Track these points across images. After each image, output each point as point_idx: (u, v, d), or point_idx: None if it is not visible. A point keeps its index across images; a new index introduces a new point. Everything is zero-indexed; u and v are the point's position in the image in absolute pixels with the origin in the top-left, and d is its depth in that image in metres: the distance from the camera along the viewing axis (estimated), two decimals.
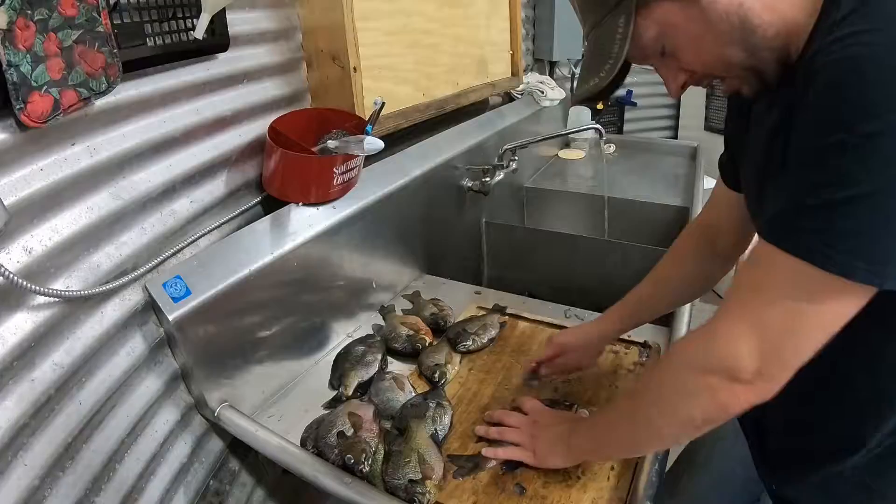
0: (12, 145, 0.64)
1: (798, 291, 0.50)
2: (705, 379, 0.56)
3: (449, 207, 1.56)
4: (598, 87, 0.61)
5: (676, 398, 0.60)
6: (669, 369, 0.63)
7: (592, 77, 0.61)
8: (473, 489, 0.78)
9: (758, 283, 0.53)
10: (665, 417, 0.62)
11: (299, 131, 1.01)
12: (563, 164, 2.37)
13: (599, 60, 0.60)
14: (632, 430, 0.68)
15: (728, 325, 0.55)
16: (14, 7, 0.57)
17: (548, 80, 2.21)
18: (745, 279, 0.55)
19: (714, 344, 0.56)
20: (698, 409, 0.58)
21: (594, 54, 0.61)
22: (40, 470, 0.66)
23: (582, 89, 0.64)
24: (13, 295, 0.65)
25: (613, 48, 0.58)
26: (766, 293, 0.52)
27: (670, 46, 0.58)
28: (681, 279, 0.90)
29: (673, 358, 0.63)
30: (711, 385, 0.55)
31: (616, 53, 0.58)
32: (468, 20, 1.55)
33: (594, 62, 0.61)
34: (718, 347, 0.55)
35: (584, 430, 0.77)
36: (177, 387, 0.88)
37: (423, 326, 1.14)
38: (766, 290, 0.52)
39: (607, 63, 0.59)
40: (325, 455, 0.81)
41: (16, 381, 0.65)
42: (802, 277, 0.49)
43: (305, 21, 1.08)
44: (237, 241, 0.93)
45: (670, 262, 0.92)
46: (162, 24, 0.79)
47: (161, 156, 0.85)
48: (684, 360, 0.60)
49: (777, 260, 0.50)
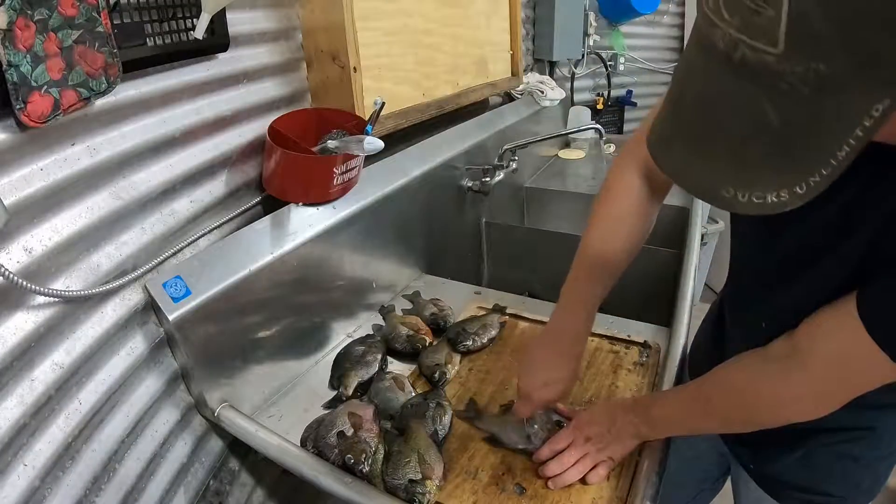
0: (12, 145, 0.64)
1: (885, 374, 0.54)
2: (799, 417, 0.62)
3: (449, 207, 1.56)
4: (785, 207, 0.36)
5: (765, 423, 0.66)
6: (765, 409, 0.64)
7: (779, 183, 0.35)
8: (473, 489, 0.78)
9: (846, 359, 0.55)
10: (746, 427, 0.70)
11: (299, 131, 1.01)
12: (563, 164, 2.37)
13: (805, 156, 0.34)
14: (708, 429, 0.76)
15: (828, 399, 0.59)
16: (14, 7, 0.57)
17: (548, 80, 2.21)
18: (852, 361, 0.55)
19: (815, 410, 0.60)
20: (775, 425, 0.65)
21: (793, 135, 0.34)
22: (40, 470, 0.66)
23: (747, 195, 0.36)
24: (13, 295, 0.65)
25: (841, 147, 0.33)
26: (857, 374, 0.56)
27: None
28: (622, 253, 0.79)
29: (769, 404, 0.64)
30: (802, 418, 0.62)
31: (843, 158, 0.33)
32: (468, 20, 1.55)
33: (789, 152, 0.35)
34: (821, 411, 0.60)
35: (653, 425, 0.77)
36: (177, 387, 0.88)
37: (423, 326, 1.14)
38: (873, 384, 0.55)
39: (819, 170, 0.34)
40: (325, 455, 0.81)
41: (16, 381, 0.65)
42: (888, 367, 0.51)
43: (305, 21, 1.08)
44: (237, 241, 0.93)
45: (614, 231, 0.79)
46: (162, 24, 0.79)
47: (161, 156, 0.85)
48: (782, 413, 0.63)
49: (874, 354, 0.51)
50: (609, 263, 0.77)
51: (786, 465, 0.75)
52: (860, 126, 0.32)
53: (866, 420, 0.69)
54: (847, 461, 0.72)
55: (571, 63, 2.56)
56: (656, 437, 0.79)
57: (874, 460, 0.73)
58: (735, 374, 0.67)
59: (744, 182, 0.36)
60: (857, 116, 0.32)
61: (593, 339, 1.10)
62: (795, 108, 0.33)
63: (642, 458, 0.80)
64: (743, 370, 0.67)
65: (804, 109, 0.33)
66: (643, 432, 0.77)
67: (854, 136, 0.33)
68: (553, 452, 0.80)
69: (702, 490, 1.05)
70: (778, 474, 0.77)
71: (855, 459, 0.72)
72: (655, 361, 1.04)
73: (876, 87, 0.32)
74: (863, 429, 0.70)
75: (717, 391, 0.70)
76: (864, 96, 0.32)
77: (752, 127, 0.35)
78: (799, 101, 0.33)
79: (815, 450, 0.72)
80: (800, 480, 0.75)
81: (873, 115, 0.32)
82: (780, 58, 0.32)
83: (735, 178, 0.36)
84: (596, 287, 0.79)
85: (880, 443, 0.71)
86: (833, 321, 0.56)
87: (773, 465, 0.77)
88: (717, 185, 0.37)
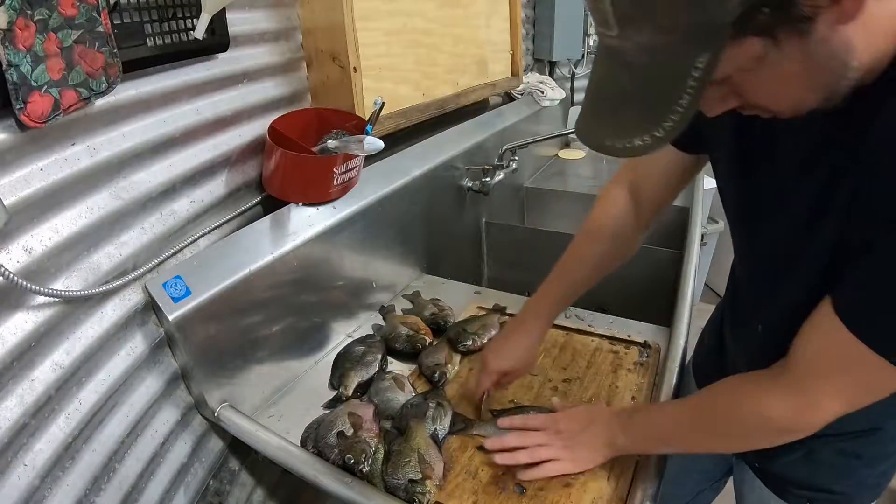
0: (12, 145, 0.64)
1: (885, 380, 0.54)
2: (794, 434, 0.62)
3: (449, 207, 1.56)
4: (652, 149, 0.44)
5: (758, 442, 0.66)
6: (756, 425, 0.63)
7: (641, 130, 0.44)
8: (473, 489, 0.78)
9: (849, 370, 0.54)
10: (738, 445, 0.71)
11: (299, 131, 1.01)
12: (563, 164, 2.37)
13: (654, 108, 0.43)
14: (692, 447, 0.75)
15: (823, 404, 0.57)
16: (14, 7, 0.57)
17: (548, 80, 2.21)
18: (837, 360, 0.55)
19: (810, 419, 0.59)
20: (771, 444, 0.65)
21: (642, 96, 0.44)
22: (40, 470, 0.66)
23: (622, 143, 0.45)
24: (13, 295, 0.65)
25: (681, 97, 0.41)
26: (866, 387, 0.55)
27: (742, 79, 0.45)
28: (604, 254, 0.87)
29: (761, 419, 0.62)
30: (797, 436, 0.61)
31: (686, 106, 0.41)
32: (468, 20, 1.55)
33: (644, 108, 0.44)
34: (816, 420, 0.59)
35: (631, 433, 0.75)
36: (177, 387, 0.88)
37: (423, 326, 1.14)
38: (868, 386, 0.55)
39: (669, 117, 0.42)
40: (325, 455, 0.81)
41: (16, 381, 0.65)
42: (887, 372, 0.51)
43: (305, 21, 1.08)
44: (237, 241, 0.93)
45: (590, 237, 0.88)
46: (162, 24, 0.79)
47: (161, 156, 0.85)
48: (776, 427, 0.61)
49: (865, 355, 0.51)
50: (578, 277, 0.88)
51: (789, 461, 0.74)
52: (690, 77, 0.40)
53: (871, 419, 0.68)
54: (851, 459, 0.72)
55: (571, 63, 2.56)
56: (633, 450, 0.77)
57: (879, 458, 0.73)
58: (728, 387, 0.67)
59: (619, 133, 0.45)
60: (685, 71, 0.40)
61: (593, 339, 1.10)
62: (639, 74, 0.43)
63: (642, 458, 0.80)
64: (737, 384, 0.66)
65: (644, 73, 0.43)
66: (619, 443, 0.75)
67: (689, 86, 0.41)
68: (523, 426, 0.81)
69: (702, 490, 1.05)
70: (782, 471, 0.76)
71: (859, 457, 0.71)
72: (655, 361, 1.04)
73: (686, 46, 0.40)
74: (867, 428, 0.70)
75: (707, 402, 0.69)
76: (683, 55, 0.40)
77: (618, 93, 0.45)
78: (639, 68, 0.43)
79: (819, 447, 0.71)
80: (804, 478, 0.75)
81: (698, 66, 0.40)
82: (618, 38, 0.42)
83: (613, 132, 0.46)
84: (566, 289, 0.89)
85: (885, 441, 0.71)
86: (814, 326, 0.56)
87: (777, 462, 0.76)
88: (602, 138, 0.47)
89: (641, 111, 0.44)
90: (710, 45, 0.40)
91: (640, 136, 0.44)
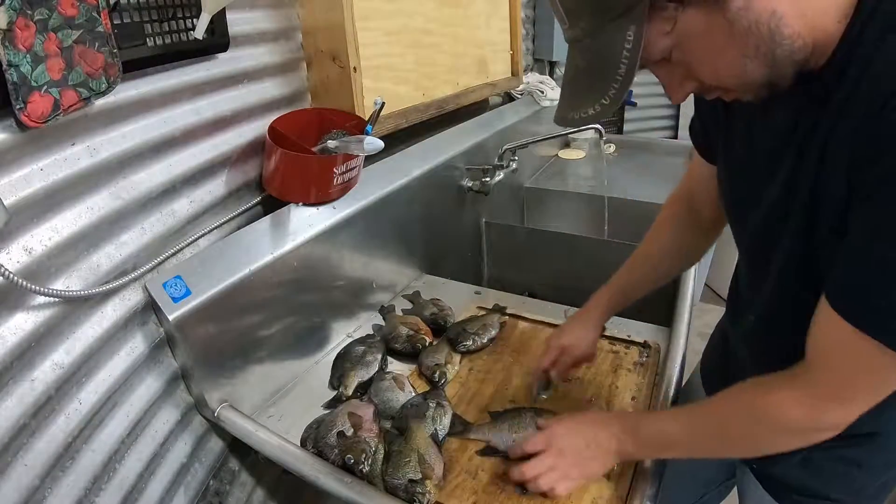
0: (12, 145, 0.64)
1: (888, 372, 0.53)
2: (809, 437, 0.60)
3: (449, 207, 1.56)
4: (602, 115, 0.52)
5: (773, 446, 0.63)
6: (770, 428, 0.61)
7: (592, 100, 0.52)
8: (473, 489, 0.78)
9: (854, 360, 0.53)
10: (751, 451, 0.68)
11: (299, 131, 1.01)
12: (563, 164, 2.37)
13: (600, 80, 0.51)
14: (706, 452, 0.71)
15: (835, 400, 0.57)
16: (14, 7, 0.57)
17: (548, 80, 2.21)
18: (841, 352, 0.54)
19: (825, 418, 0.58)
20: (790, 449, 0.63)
21: (591, 71, 0.52)
22: (40, 470, 0.66)
23: (578, 113, 0.54)
24: (13, 295, 0.65)
25: (619, 66, 0.49)
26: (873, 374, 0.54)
27: (681, 56, 0.51)
28: (665, 254, 0.91)
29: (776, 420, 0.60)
30: (812, 440, 0.60)
31: (624, 73, 0.49)
32: (468, 20, 1.55)
33: (592, 81, 0.52)
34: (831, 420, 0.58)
35: (640, 442, 0.72)
36: (177, 387, 0.88)
37: (423, 326, 1.14)
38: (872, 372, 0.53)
39: (611, 86, 0.50)
40: (325, 455, 0.81)
41: (16, 381, 0.65)
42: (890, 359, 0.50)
43: (305, 21, 1.08)
44: (237, 241, 0.93)
45: (653, 238, 0.93)
46: (162, 24, 0.79)
47: (161, 156, 0.85)
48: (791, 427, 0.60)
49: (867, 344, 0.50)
50: (640, 273, 0.94)
51: (787, 466, 0.73)
52: (624, 49, 0.49)
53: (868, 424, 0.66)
54: (850, 466, 0.70)
55: None
56: (641, 456, 0.75)
57: (879, 466, 0.71)
58: (744, 390, 0.65)
59: (577, 106, 0.54)
60: (618, 45, 0.49)
61: None
62: (586, 54, 0.52)
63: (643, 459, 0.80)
64: (752, 386, 0.64)
65: (588, 53, 0.52)
66: (627, 449, 0.73)
67: (623, 57, 0.49)
68: (524, 454, 0.77)
69: (706, 493, 1.05)
70: (780, 476, 0.76)
71: (858, 465, 0.70)
72: (655, 361, 1.04)
73: (615, 22, 0.48)
74: (865, 433, 0.67)
75: (722, 406, 0.67)
76: (614, 31, 0.49)
77: (575, 74, 0.55)
78: (585, 49, 0.52)
79: (816, 453, 0.69)
80: (801, 483, 0.74)
81: (628, 38, 0.48)
82: (570, 29, 0.52)
83: (572, 106, 0.55)
84: (628, 283, 0.94)
85: (885, 448, 0.69)
86: (816, 323, 0.56)
87: (775, 467, 0.75)
88: (565, 113, 0.56)
89: (591, 84, 0.52)
90: (633, 18, 0.48)
91: (592, 106, 0.52)
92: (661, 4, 0.48)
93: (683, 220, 0.89)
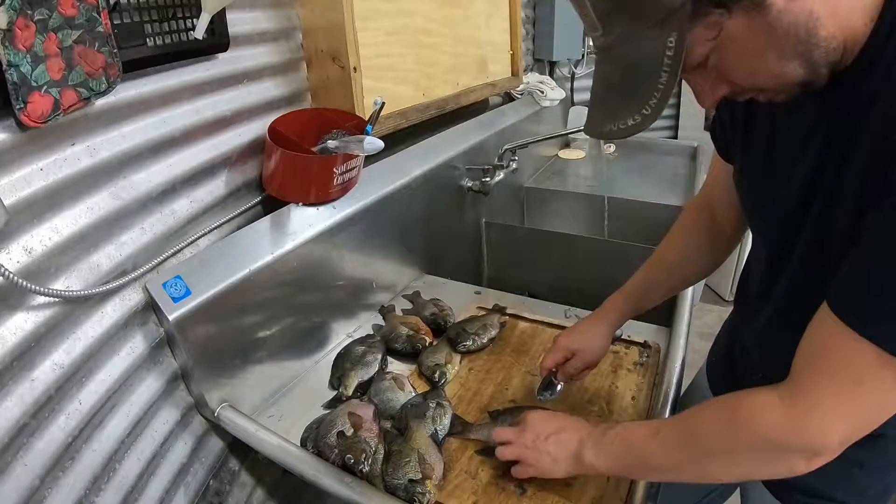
0: (12, 145, 0.64)
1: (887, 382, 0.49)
2: (788, 456, 0.55)
3: (449, 207, 1.56)
4: (642, 126, 0.50)
5: (747, 463, 0.58)
6: (744, 436, 0.56)
7: (630, 111, 0.50)
8: (473, 489, 0.78)
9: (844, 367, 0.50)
10: (724, 469, 0.60)
11: (299, 131, 1.01)
12: (563, 164, 2.38)
13: (639, 89, 0.49)
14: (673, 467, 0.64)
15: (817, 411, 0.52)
16: (14, 7, 0.57)
17: (548, 80, 2.21)
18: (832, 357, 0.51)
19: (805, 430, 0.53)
20: (769, 473, 0.57)
21: (627, 80, 0.50)
22: (40, 470, 0.66)
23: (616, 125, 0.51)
24: (13, 295, 0.65)
25: (660, 75, 0.47)
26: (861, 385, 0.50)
27: (718, 60, 0.50)
28: (683, 261, 0.89)
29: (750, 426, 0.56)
30: (792, 461, 0.55)
31: (666, 82, 0.47)
32: (468, 20, 1.55)
33: (629, 91, 0.50)
34: (811, 434, 0.53)
35: (602, 448, 0.69)
36: (177, 387, 0.88)
37: (423, 326, 1.14)
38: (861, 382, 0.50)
39: (652, 95, 0.48)
40: (325, 455, 0.81)
41: (16, 381, 0.65)
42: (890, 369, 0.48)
43: (305, 21, 1.08)
44: (237, 241, 0.93)
45: (671, 244, 0.91)
46: (162, 24, 0.79)
47: (161, 156, 0.85)
48: (766, 436, 0.55)
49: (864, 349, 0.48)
50: (656, 278, 0.91)
51: None
52: (665, 57, 0.47)
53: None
54: (853, 467, 0.69)
55: (571, 63, 2.56)
56: (602, 467, 0.69)
57: (883, 467, 0.70)
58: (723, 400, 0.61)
59: (614, 118, 0.51)
60: (660, 52, 0.47)
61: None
62: (620, 62, 0.50)
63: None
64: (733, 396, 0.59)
65: (625, 62, 0.50)
66: (586, 459, 0.69)
67: (664, 65, 0.47)
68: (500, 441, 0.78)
69: (709, 493, 1.04)
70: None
71: (861, 465, 0.69)
72: (655, 361, 1.04)
73: (655, 30, 0.46)
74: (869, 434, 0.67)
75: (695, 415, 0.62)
76: (653, 38, 0.47)
77: (610, 84, 0.52)
78: (620, 58, 0.50)
79: None
80: (803, 483, 0.72)
81: (669, 46, 0.46)
82: (603, 36, 0.50)
83: (609, 118, 0.52)
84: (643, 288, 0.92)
85: (889, 450, 0.68)
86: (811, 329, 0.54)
87: None
88: (601, 126, 0.53)
89: (630, 94, 0.50)
90: (675, 25, 0.46)
91: (632, 117, 0.50)
92: (704, 10, 0.46)
93: (704, 228, 0.87)
